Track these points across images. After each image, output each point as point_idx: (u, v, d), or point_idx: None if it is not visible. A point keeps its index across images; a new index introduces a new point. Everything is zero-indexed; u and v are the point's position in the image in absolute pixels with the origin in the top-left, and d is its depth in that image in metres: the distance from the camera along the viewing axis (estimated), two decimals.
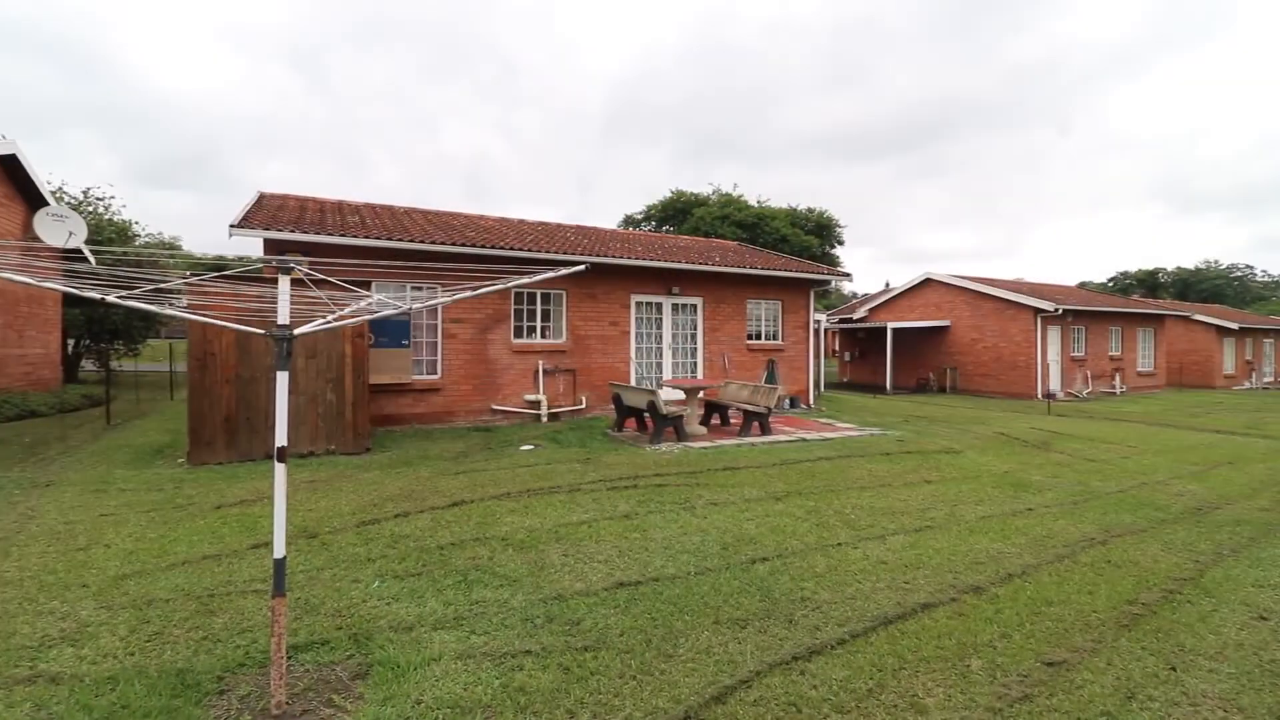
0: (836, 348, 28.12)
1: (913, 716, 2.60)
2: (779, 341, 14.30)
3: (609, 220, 58.39)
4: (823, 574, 4.12)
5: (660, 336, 12.75)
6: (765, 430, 9.64)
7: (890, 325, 21.98)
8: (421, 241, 9.72)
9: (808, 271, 14.56)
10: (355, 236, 9.40)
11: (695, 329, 13.20)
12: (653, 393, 8.75)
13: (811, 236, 34.56)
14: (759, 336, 14.15)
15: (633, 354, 12.23)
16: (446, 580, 3.92)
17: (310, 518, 5.16)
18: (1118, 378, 22.75)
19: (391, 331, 9.41)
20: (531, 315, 11.21)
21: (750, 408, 9.69)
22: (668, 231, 34.60)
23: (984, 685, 2.84)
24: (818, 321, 18.29)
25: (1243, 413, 17.00)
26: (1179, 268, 74.97)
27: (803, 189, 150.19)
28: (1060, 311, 19.81)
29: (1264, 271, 77.90)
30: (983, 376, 21.30)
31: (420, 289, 10.06)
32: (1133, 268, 77.68)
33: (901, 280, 25.50)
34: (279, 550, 2.58)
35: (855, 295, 47.59)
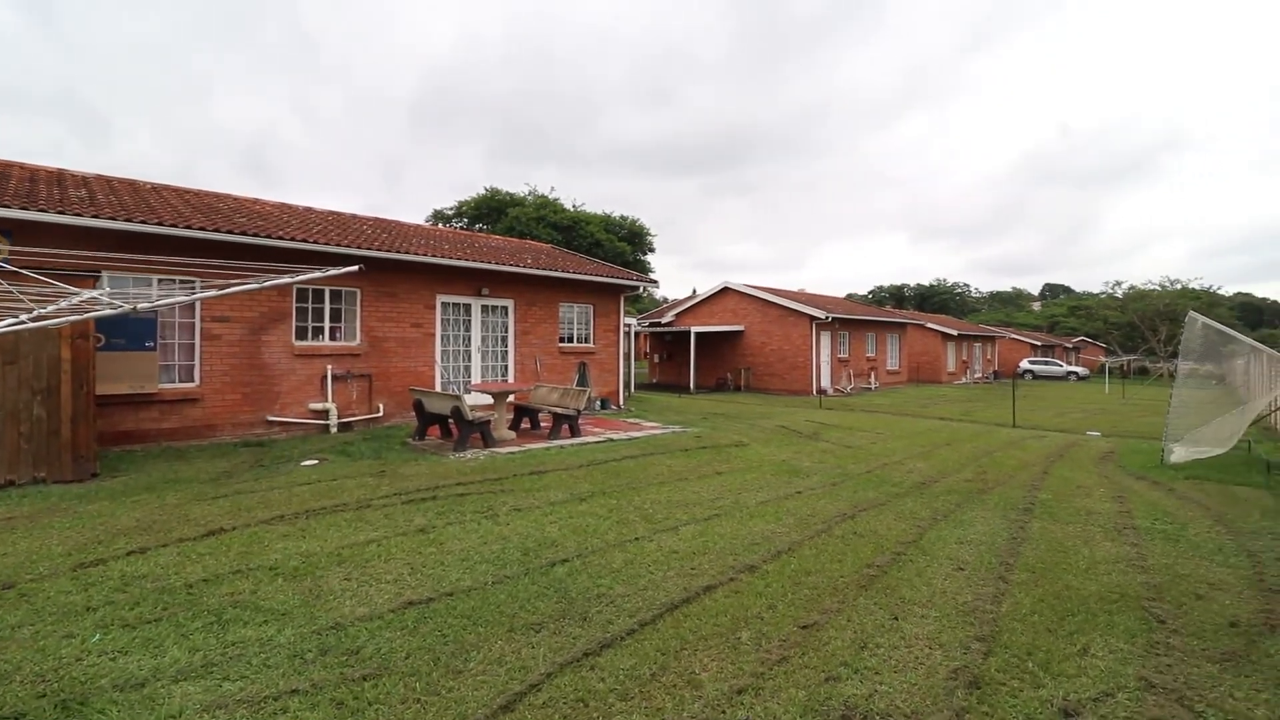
0: (647, 350, 29.52)
1: (689, 692, 2.80)
2: (591, 344, 14.61)
3: (418, 214, 55.04)
4: (619, 569, 4.27)
5: (469, 339, 12.31)
6: (575, 432, 9.77)
7: (694, 329, 23.63)
8: (174, 226, 8.26)
9: (618, 277, 15.08)
10: (80, 215, 7.71)
11: (507, 331, 12.96)
12: (458, 398, 8.40)
13: (624, 243, 35.90)
14: (571, 339, 14.33)
15: (438, 357, 11.64)
16: (194, 623, 3.37)
17: (6, 564, 4.12)
18: (873, 375, 26.88)
19: (132, 332, 7.86)
20: (319, 314, 10.11)
21: (560, 410, 9.76)
22: (481, 230, 33.59)
23: (750, 653, 3.15)
24: (629, 325, 19.04)
25: (959, 403, 21.10)
26: (919, 284, 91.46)
27: (617, 197, 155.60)
28: (830, 319, 22.90)
29: (976, 289, 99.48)
30: (770, 375, 23.82)
31: (173, 282, 8.57)
32: (886, 282, 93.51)
33: (706, 287, 27.55)
34: None
35: (666, 300, 50.37)
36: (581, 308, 14.54)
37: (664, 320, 27.40)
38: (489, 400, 10.79)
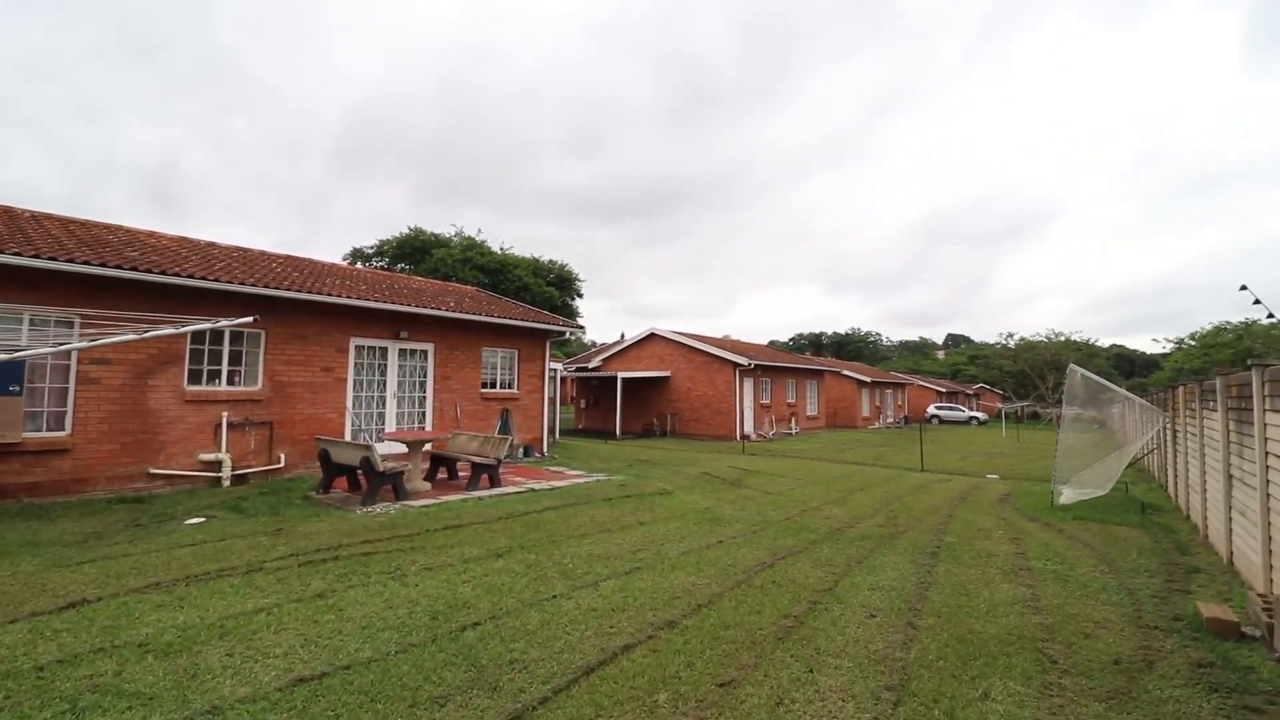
0: (574, 395, 29.29)
1: None
2: (515, 390, 14.34)
3: (337, 253, 53.10)
4: (535, 630, 4.09)
5: (384, 384, 11.80)
6: (495, 482, 9.46)
7: (620, 375, 23.72)
8: (52, 259, 7.55)
9: (545, 322, 14.99)
10: None
11: (426, 376, 12.54)
12: (368, 447, 7.97)
13: (553, 288, 35.97)
14: (494, 385, 14.02)
15: (349, 404, 11.06)
16: (43, 713, 2.94)
17: None
18: (794, 420, 27.74)
19: None
20: (216, 357, 9.41)
21: (479, 459, 9.44)
22: (404, 270, 32.79)
23: (668, 717, 3.06)
24: (555, 370, 18.87)
25: (872, 448, 22.04)
26: (835, 332, 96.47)
27: (546, 241, 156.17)
28: (753, 366, 23.59)
29: (887, 338, 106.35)
30: (696, 421, 24.12)
31: (48, 322, 7.78)
32: (806, 330, 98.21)
33: (634, 332, 27.85)
34: None
35: (594, 344, 50.49)
36: (506, 353, 14.32)
37: (591, 365, 27.37)
38: (403, 449, 10.31)
